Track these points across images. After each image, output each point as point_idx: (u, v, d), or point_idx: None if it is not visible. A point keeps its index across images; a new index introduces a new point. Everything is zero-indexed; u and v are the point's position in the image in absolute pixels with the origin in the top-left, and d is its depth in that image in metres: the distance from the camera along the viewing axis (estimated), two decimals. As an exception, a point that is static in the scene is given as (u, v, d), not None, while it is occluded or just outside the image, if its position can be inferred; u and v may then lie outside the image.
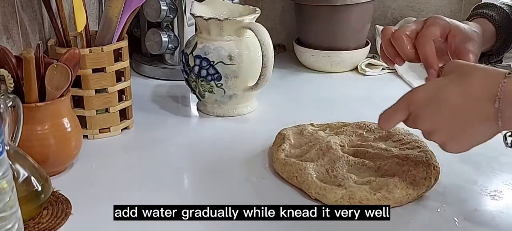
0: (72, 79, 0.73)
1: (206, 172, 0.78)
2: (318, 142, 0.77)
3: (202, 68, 0.92)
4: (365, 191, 0.66)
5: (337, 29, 1.19)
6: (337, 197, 0.67)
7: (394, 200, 0.66)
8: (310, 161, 0.74)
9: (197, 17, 0.92)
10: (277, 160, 0.76)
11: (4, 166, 0.50)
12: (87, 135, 0.85)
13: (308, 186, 0.69)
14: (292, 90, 1.12)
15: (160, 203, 0.66)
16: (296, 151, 0.78)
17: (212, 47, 0.91)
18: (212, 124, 0.95)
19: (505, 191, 0.71)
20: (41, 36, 0.93)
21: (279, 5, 1.38)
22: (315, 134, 0.81)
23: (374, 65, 1.21)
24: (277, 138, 0.82)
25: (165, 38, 1.14)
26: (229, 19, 0.91)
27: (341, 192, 0.67)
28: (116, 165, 0.81)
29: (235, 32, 0.92)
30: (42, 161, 0.68)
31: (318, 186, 0.68)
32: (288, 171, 0.73)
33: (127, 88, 0.89)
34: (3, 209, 0.51)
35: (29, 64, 0.69)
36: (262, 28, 0.89)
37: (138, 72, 1.20)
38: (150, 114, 0.98)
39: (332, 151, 0.74)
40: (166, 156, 0.82)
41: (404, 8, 1.34)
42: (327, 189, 0.67)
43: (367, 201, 0.66)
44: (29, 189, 0.63)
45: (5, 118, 0.60)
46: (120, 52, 0.87)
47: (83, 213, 0.66)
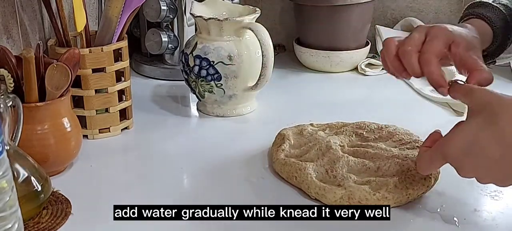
0: (72, 79, 0.73)
1: (206, 172, 0.78)
2: (318, 142, 0.77)
3: (202, 68, 0.92)
4: (364, 191, 0.66)
5: (337, 29, 1.19)
6: (337, 197, 0.67)
7: (394, 200, 0.66)
8: (309, 161, 0.74)
9: (197, 17, 0.92)
10: (277, 160, 0.76)
11: (4, 166, 0.50)
12: (87, 135, 0.85)
13: (308, 186, 0.69)
14: (292, 90, 1.12)
15: (160, 203, 0.66)
16: (296, 151, 0.78)
17: (212, 47, 0.91)
18: (212, 124, 0.95)
19: (505, 191, 0.70)
20: (41, 36, 0.93)
21: (279, 5, 1.39)
22: (315, 134, 0.81)
23: (374, 65, 1.21)
24: (277, 138, 0.82)
25: (165, 38, 1.14)
26: (229, 19, 0.91)
27: (341, 192, 0.67)
28: (116, 165, 0.81)
29: (235, 32, 0.92)
30: (42, 160, 0.68)
31: (317, 186, 0.68)
32: (288, 171, 0.73)
33: (127, 88, 0.89)
34: (3, 209, 0.51)
35: (29, 64, 0.69)
36: (262, 28, 0.89)
37: (138, 72, 1.20)
38: (150, 114, 0.98)
39: (332, 151, 0.74)
40: (166, 156, 0.82)
41: (404, 8, 1.34)
42: (327, 189, 0.67)
43: (367, 201, 0.66)
44: (29, 189, 0.63)
45: (5, 118, 0.60)
46: (120, 52, 0.87)
47: (83, 213, 0.66)
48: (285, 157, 0.76)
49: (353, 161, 0.73)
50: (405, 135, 0.80)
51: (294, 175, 0.72)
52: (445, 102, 1.01)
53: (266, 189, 0.73)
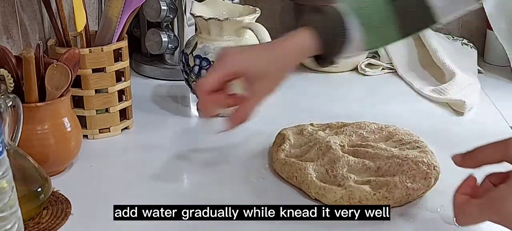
0: (72, 79, 0.73)
1: (206, 172, 0.78)
2: (318, 142, 0.77)
3: (202, 68, 0.92)
4: (364, 191, 0.66)
5: (337, 29, 1.19)
6: (337, 197, 0.67)
7: (394, 200, 0.66)
8: (310, 161, 0.74)
9: (197, 17, 0.92)
10: (277, 160, 0.76)
11: (4, 166, 0.50)
12: (87, 135, 0.85)
13: (308, 186, 0.69)
14: (292, 90, 1.12)
15: (160, 203, 0.66)
16: (296, 151, 0.78)
17: (212, 47, 0.91)
18: (212, 123, 0.94)
19: (505, 191, 0.70)
20: (41, 36, 0.93)
21: (279, 5, 1.38)
22: (315, 134, 0.81)
23: (374, 65, 1.21)
24: (277, 138, 0.82)
25: (165, 38, 1.14)
26: (229, 19, 0.91)
27: (341, 192, 0.67)
28: (116, 165, 0.81)
29: (235, 32, 0.92)
30: (42, 160, 0.68)
31: (317, 186, 0.68)
32: (288, 171, 0.73)
33: (127, 88, 0.89)
34: (3, 209, 0.51)
35: (29, 64, 0.69)
36: (262, 28, 0.89)
37: (138, 72, 1.20)
38: (150, 114, 0.98)
39: (332, 151, 0.74)
40: (166, 156, 0.82)
41: (404, 8, 1.34)
42: (327, 189, 0.67)
43: (367, 201, 0.66)
44: (29, 189, 0.63)
45: (5, 118, 0.60)
46: (120, 52, 0.87)
47: (83, 213, 0.66)
48: (285, 156, 0.76)
49: (353, 161, 0.73)
50: (405, 135, 0.80)
51: (294, 175, 0.72)
52: (445, 102, 1.01)
53: (266, 189, 0.73)
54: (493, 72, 1.20)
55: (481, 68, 1.20)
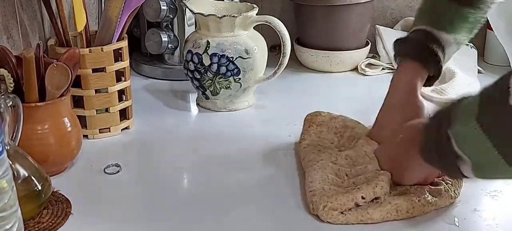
0: (72, 79, 0.73)
1: (206, 171, 0.78)
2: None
3: (221, 66, 0.93)
4: (410, 201, 0.65)
5: (337, 29, 1.19)
6: (383, 213, 0.64)
7: (440, 203, 0.67)
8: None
9: (209, 16, 0.93)
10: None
11: (4, 166, 0.50)
12: (87, 134, 0.85)
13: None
14: (291, 90, 1.12)
15: (160, 203, 0.66)
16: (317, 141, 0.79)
17: (227, 44, 0.93)
18: (212, 123, 0.95)
19: (505, 191, 0.71)
20: (41, 36, 0.93)
21: (279, 5, 1.38)
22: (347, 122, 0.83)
23: (374, 65, 1.21)
24: (305, 124, 0.84)
25: (165, 38, 1.14)
26: (242, 14, 0.94)
27: (386, 208, 0.64)
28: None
29: (244, 28, 0.95)
30: (42, 160, 0.68)
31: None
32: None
33: (127, 88, 0.89)
34: (3, 209, 0.51)
35: (29, 64, 0.69)
36: (276, 20, 0.95)
37: (138, 72, 1.20)
38: (150, 114, 0.98)
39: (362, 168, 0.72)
40: (166, 156, 0.83)
41: (404, 8, 1.34)
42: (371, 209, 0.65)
43: (413, 210, 0.65)
44: (29, 189, 0.63)
45: (5, 118, 0.60)
46: (120, 52, 0.87)
47: (83, 213, 0.66)
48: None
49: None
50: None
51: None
52: (445, 102, 1.01)
53: (267, 189, 0.73)
54: (493, 72, 1.20)
55: (481, 68, 1.20)
